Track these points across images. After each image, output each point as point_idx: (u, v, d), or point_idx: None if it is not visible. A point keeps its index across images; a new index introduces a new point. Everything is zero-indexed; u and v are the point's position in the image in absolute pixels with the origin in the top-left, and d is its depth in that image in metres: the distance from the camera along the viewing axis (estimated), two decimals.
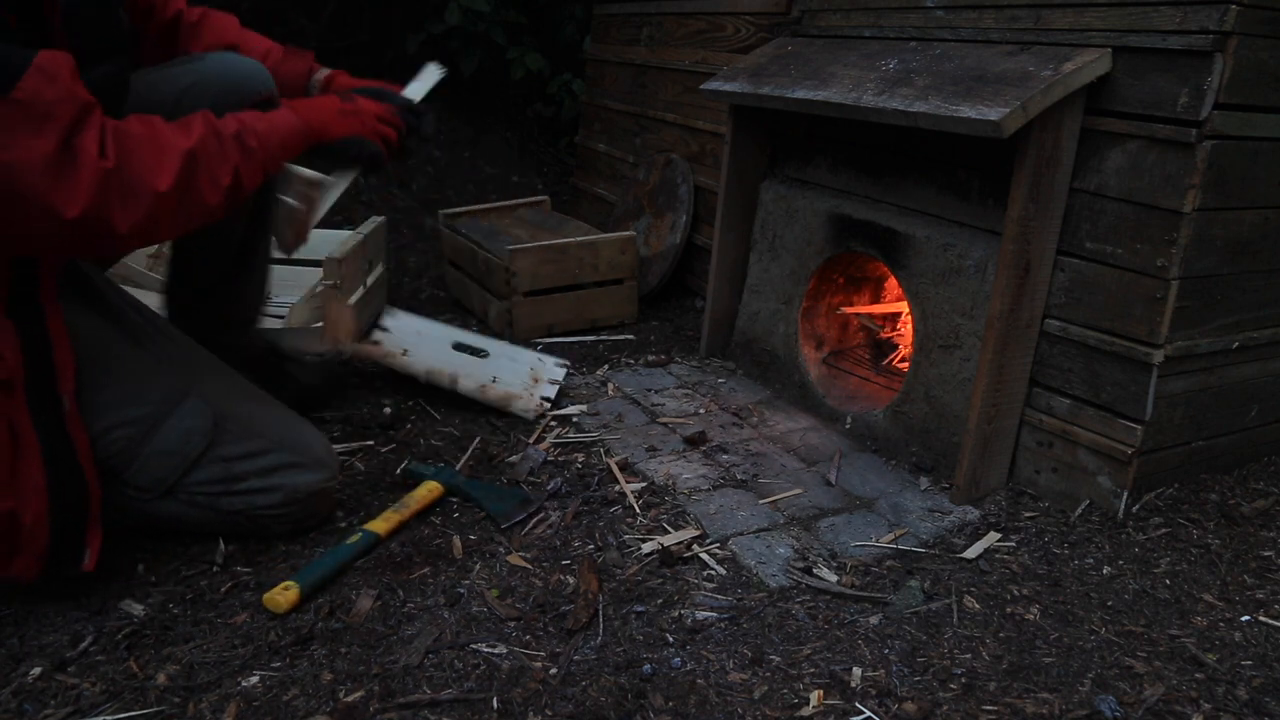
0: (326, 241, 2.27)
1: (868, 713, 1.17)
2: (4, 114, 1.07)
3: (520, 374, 2.10)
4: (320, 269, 2.14)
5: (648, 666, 1.25)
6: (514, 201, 3.09)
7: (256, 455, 1.44)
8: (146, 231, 1.22)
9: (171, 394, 1.39)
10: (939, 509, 1.70)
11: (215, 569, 1.45)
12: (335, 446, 1.79)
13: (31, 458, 1.23)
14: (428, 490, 1.63)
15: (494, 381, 2.06)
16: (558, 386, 2.11)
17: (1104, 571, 1.50)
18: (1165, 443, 1.64)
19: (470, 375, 2.06)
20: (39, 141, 1.09)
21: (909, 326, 2.08)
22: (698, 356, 2.45)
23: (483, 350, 2.13)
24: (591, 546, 1.54)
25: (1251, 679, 1.25)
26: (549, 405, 2.05)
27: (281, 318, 2.30)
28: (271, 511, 1.46)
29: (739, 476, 1.80)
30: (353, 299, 2.23)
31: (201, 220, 1.29)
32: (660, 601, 1.40)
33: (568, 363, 2.25)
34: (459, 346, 2.14)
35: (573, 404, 2.10)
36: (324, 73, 1.70)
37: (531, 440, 1.92)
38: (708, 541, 1.57)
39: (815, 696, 1.20)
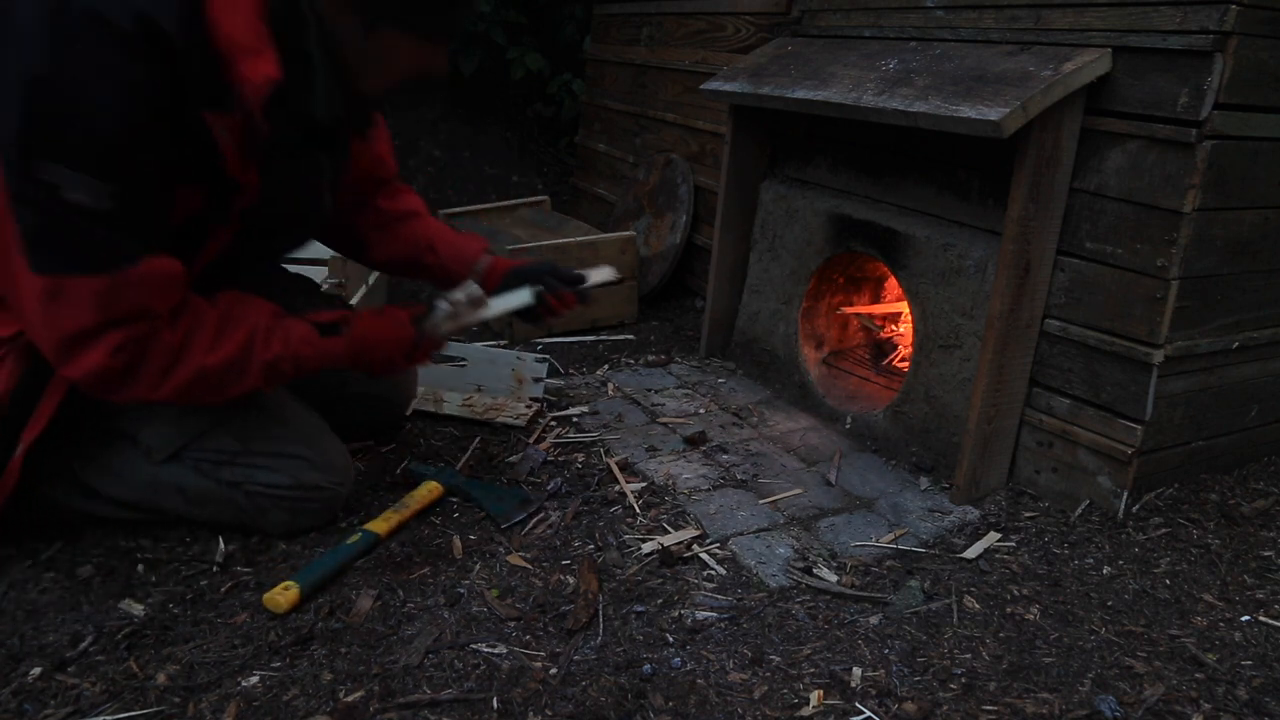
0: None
1: (868, 713, 1.17)
2: (76, 288, 1.15)
3: (502, 377, 2.09)
4: (325, 268, 2.14)
5: (648, 666, 1.25)
6: (514, 201, 3.09)
7: (269, 439, 1.46)
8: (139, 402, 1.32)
9: None
10: (939, 509, 1.70)
11: (215, 569, 1.45)
12: None
13: None
14: (428, 490, 1.63)
15: (478, 391, 2.06)
16: (543, 383, 2.11)
17: (1104, 571, 1.50)
18: (1165, 443, 1.64)
19: (453, 390, 2.05)
20: (79, 316, 1.18)
21: (908, 326, 2.08)
22: (698, 356, 2.45)
23: (460, 358, 2.12)
24: (591, 546, 1.54)
25: (1251, 679, 1.25)
26: (539, 405, 2.04)
27: None
28: (270, 492, 1.46)
29: (739, 476, 1.80)
30: (355, 299, 2.23)
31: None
32: (660, 601, 1.40)
33: (548, 357, 2.24)
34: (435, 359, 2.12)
35: (573, 404, 2.10)
36: (488, 259, 1.73)
37: (531, 440, 1.92)
38: (708, 541, 1.57)
39: (815, 696, 1.20)
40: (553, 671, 1.24)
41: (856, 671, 1.25)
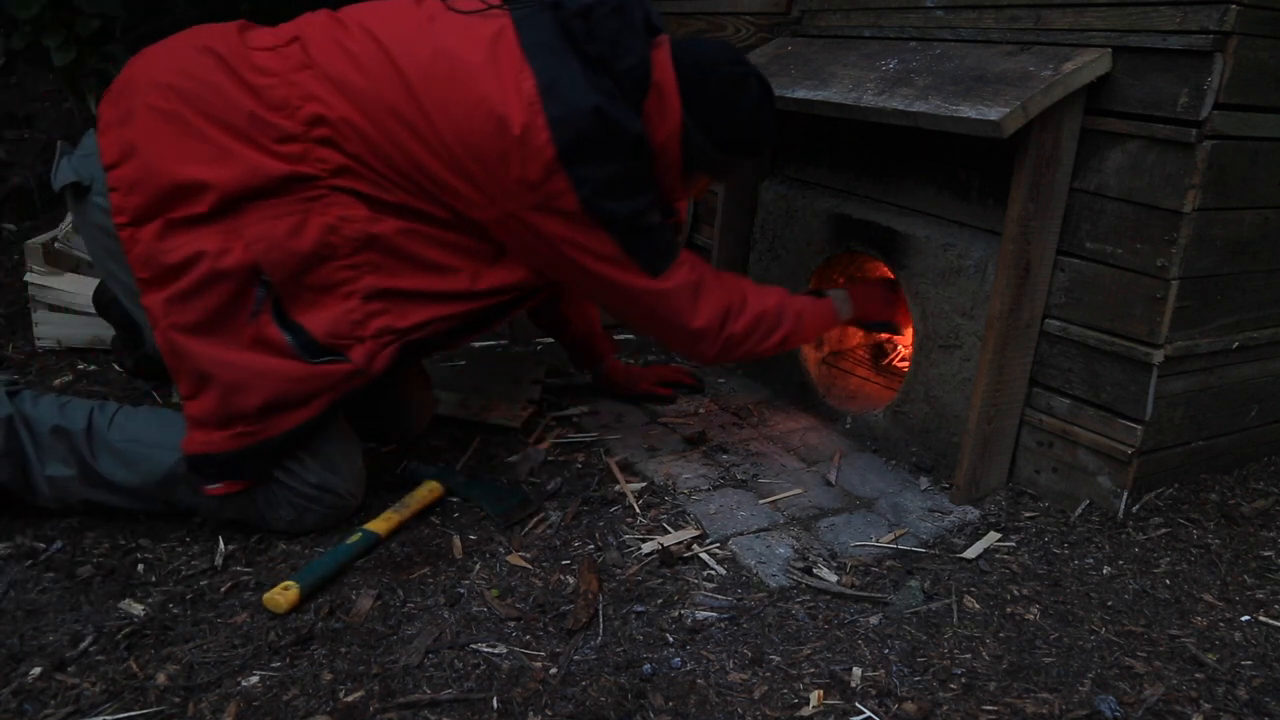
0: None
1: (868, 713, 1.17)
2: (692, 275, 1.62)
3: (499, 378, 2.09)
4: None
5: (648, 666, 1.25)
6: None
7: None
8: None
9: None
10: (939, 509, 1.70)
11: (215, 569, 1.45)
12: None
13: (297, 416, 1.45)
14: (428, 490, 1.63)
15: (474, 391, 2.06)
16: (540, 384, 2.11)
17: (1104, 571, 1.50)
18: (1165, 443, 1.64)
19: (450, 390, 2.05)
20: (720, 298, 1.67)
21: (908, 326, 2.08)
22: None
23: (458, 359, 2.12)
24: (591, 546, 1.54)
25: (1251, 679, 1.25)
26: (534, 406, 2.03)
27: None
28: (289, 483, 1.48)
29: (739, 476, 1.80)
30: None
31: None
32: (660, 601, 1.40)
33: (544, 361, 2.24)
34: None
35: (573, 404, 2.10)
36: (607, 365, 2.15)
37: (531, 440, 1.92)
38: (708, 541, 1.57)
39: (815, 696, 1.20)
40: (553, 671, 1.24)
41: (856, 671, 1.25)
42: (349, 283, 1.45)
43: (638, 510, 1.66)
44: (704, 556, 1.52)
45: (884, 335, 2.18)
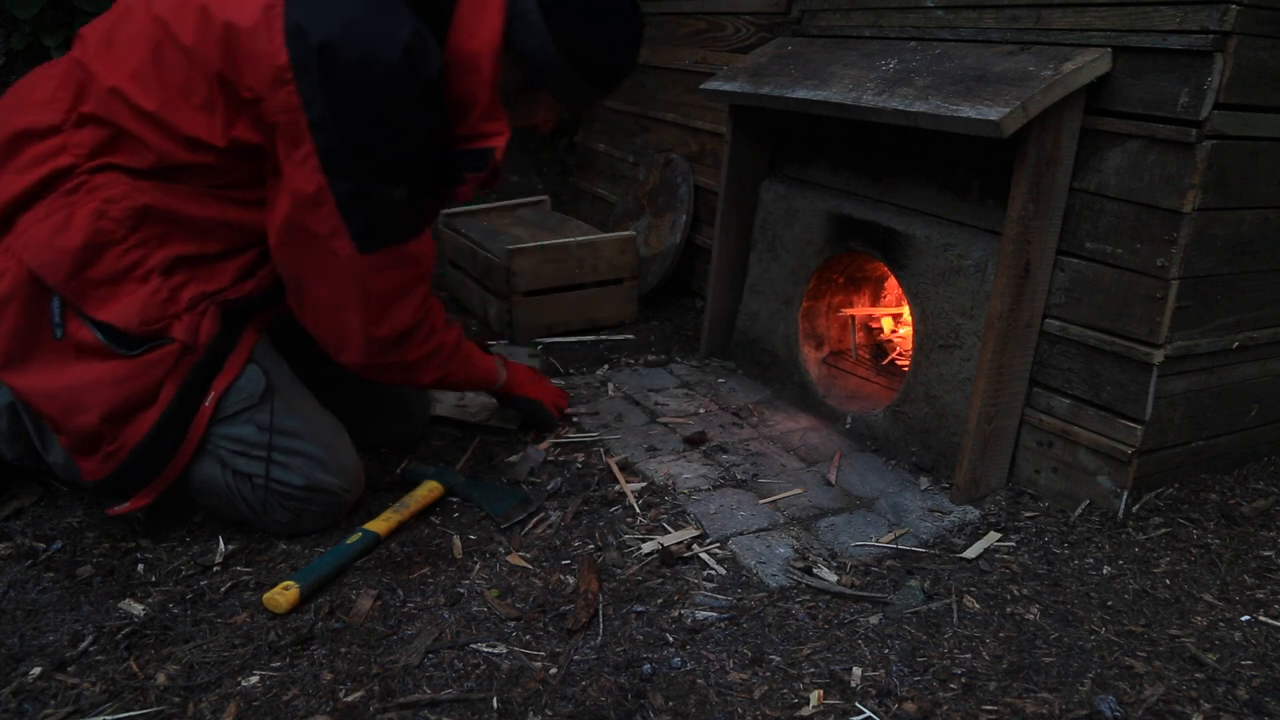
0: None
1: (868, 712, 1.17)
2: (401, 252, 1.44)
3: None
4: None
5: (648, 666, 1.25)
6: (514, 201, 3.09)
7: (290, 435, 1.48)
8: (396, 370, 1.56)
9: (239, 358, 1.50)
10: (939, 509, 1.70)
11: (215, 569, 1.45)
12: None
13: (150, 415, 1.40)
14: (428, 490, 1.63)
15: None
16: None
17: (1104, 571, 1.50)
18: (1165, 443, 1.64)
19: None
20: (405, 274, 1.46)
21: (908, 326, 2.08)
22: (698, 356, 2.45)
23: None
24: (591, 546, 1.54)
25: (1251, 679, 1.25)
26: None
27: None
28: (279, 489, 1.47)
29: (739, 476, 1.80)
30: None
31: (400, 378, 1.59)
32: (660, 601, 1.40)
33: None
34: None
35: (573, 404, 2.10)
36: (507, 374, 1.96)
37: (531, 440, 1.92)
38: (708, 541, 1.57)
39: (815, 696, 1.20)
40: (553, 671, 1.24)
41: (856, 671, 1.25)
42: (142, 264, 1.37)
43: (638, 510, 1.66)
44: (704, 556, 1.52)
45: (534, 436, 1.95)
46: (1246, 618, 1.39)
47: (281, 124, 1.29)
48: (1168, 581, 1.48)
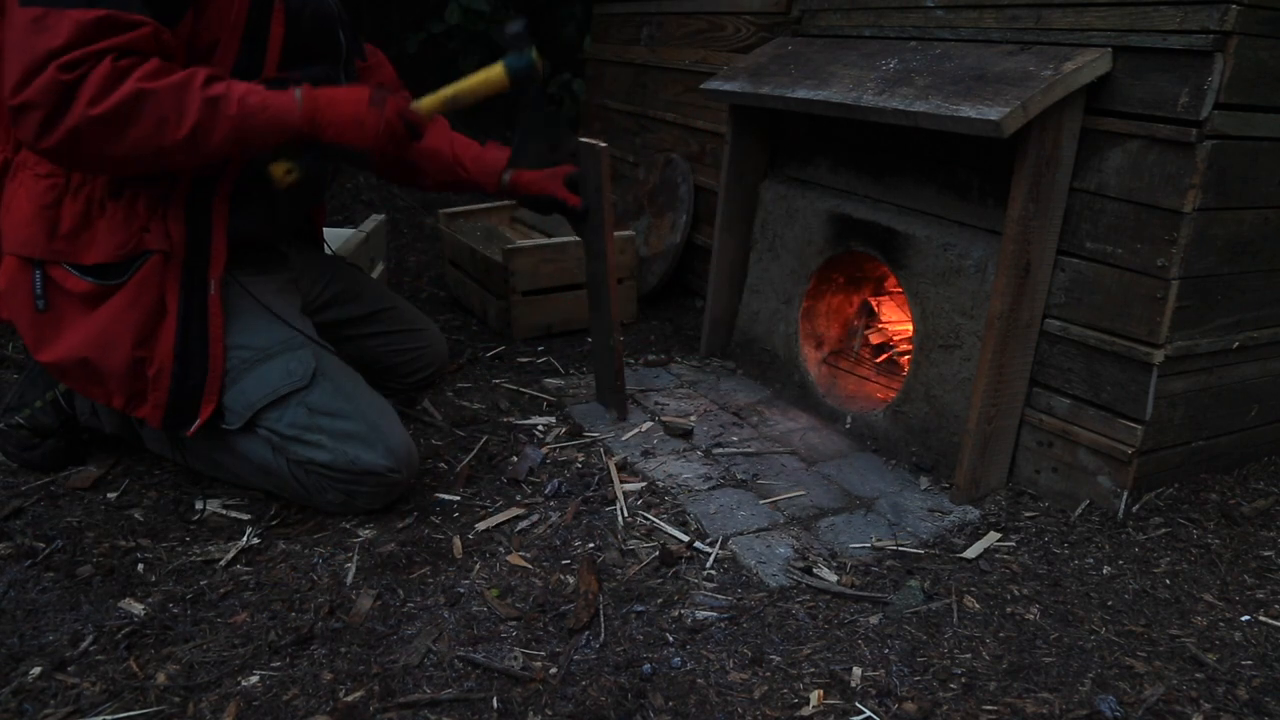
0: (329, 239, 2.27)
1: (868, 712, 1.17)
2: (59, 17, 1.26)
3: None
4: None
5: (648, 666, 1.25)
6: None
7: (337, 416, 1.53)
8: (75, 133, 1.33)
9: (291, 340, 1.57)
10: (939, 509, 1.70)
11: (215, 569, 1.45)
12: None
13: (169, 324, 1.48)
14: (491, 77, 1.56)
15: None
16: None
17: (1104, 571, 1.50)
18: (1165, 443, 1.64)
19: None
20: (53, 39, 1.26)
21: (905, 325, 2.08)
22: (698, 356, 2.45)
23: None
24: (591, 546, 1.54)
25: (1251, 679, 1.25)
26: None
27: None
28: (325, 473, 1.52)
29: (739, 476, 1.80)
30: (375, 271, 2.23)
31: (154, 154, 1.35)
32: (660, 601, 1.40)
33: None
34: None
35: (573, 404, 2.10)
36: (511, 173, 1.85)
37: (531, 440, 1.92)
38: (708, 541, 1.57)
39: (815, 696, 1.20)
40: (553, 671, 1.24)
41: (856, 671, 1.25)
42: (94, 198, 1.45)
43: (638, 510, 1.66)
44: (704, 556, 1.52)
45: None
46: (1246, 618, 1.39)
47: None
48: (1168, 581, 1.48)
